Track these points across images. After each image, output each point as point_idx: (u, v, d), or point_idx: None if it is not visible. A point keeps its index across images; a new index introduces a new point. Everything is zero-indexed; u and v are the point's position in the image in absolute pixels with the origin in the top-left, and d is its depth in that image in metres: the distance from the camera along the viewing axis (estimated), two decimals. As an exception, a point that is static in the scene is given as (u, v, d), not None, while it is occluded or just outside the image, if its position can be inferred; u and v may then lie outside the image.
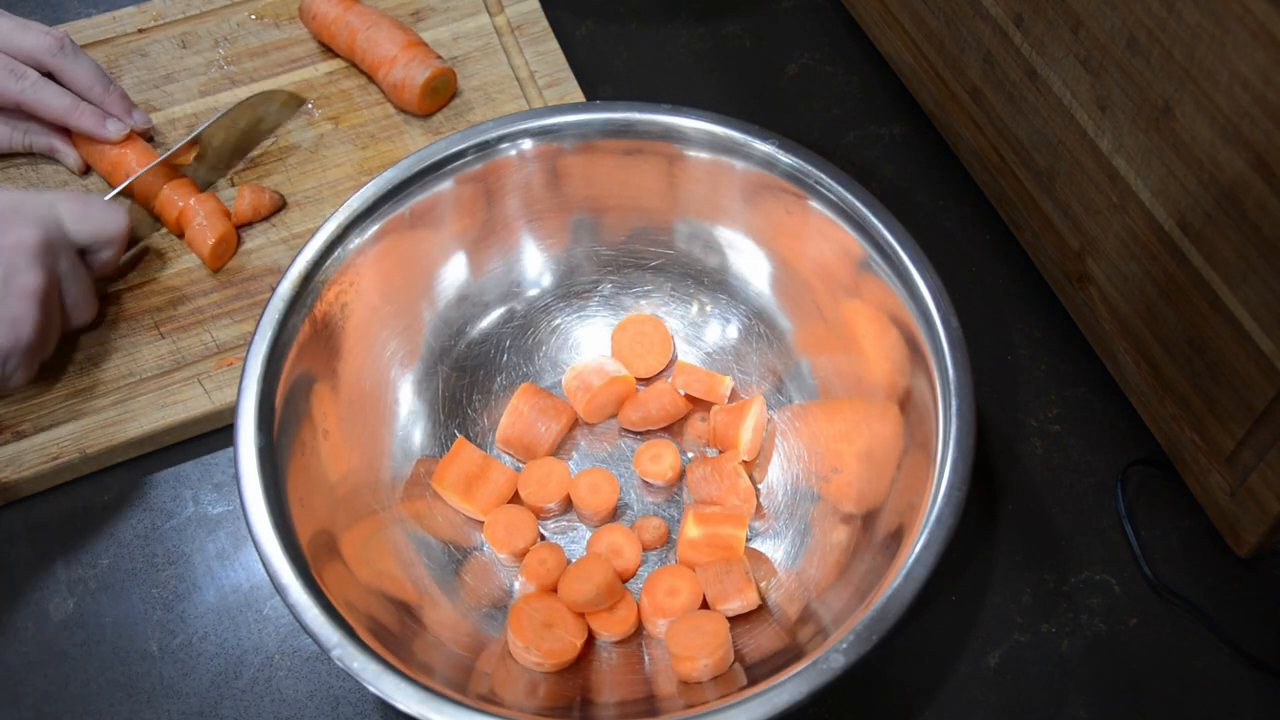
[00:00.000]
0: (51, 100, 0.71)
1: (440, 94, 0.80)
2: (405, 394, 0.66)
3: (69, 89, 0.72)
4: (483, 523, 0.64)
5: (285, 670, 0.63)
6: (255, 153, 0.79)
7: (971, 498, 0.54)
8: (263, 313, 0.59)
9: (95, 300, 0.69)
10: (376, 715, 0.61)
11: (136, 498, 0.68)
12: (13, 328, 0.61)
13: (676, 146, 0.65)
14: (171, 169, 0.74)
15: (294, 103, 0.81)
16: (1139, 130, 0.57)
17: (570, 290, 0.71)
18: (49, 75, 0.72)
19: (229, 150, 0.78)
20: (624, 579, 0.63)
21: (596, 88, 0.85)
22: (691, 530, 0.62)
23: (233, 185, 0.77)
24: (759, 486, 0.65)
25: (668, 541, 0.64)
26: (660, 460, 0.65)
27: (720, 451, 0.66)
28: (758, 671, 0.56)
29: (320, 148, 0.79)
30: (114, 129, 0.73)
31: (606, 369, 0.67)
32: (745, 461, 0.65)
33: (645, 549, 0.64)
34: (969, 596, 0.64)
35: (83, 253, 0.67)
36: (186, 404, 0.68)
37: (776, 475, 0.66)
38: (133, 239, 0.73)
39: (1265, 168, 0.50)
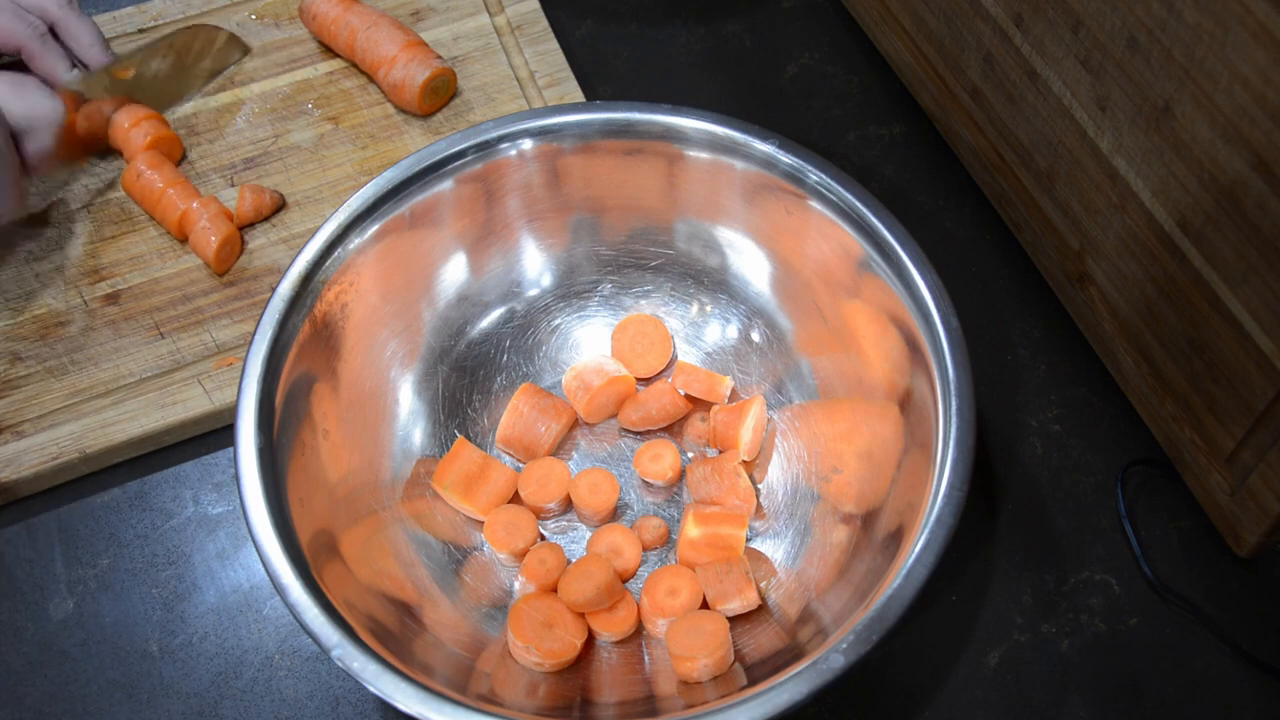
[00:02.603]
0: (53, 61, 0.71)
1: (440, 94, 0.80)
2: (405, 394, 0.66)
3: (68, 45, 0.73)
4: (483, 523, 0.64)
5: (285, 670, 0.63)
6: (200, 93, 0.80)
7: (971, 498, 0.54)
8: (263, 313, 0.59)
9: (19, 189, 0.68)
10: (376, 715, 0.61)
11: (136, 498, 0.68)
12: None
13: (676, 146, 0.65)
14: (112, 87, 0.74)
15: (236, 46, 0.81)
16: (1139, 130, 0.57)
17: (570, 290, 0.71)
18: (50, 28, 0.74)
19: (165, 76, 0.77)
20: (624, 579, 0.63)
21: (596, 88, 0.85)
22: (691, 530, 0.62)
23: (233, 186, 0.77)
24: (759, 486, 0.65)
25: (668, 541, 0.64)
26: (660, 460, 0.65)
27: (720, 451, 0.66)
28: (758, 671, 0.56)
29: (320, 148, 0.79)
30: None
31: (606, 369, 0.67)
32: (745, 461, 0.65)
33: (645, 549, 0.64)
34: (969, 596, 0.64)
35: (16, 139, 0.67)
36: (186, 404, 0.68)
37: (776, 475, 0.66)
38: (73, 153, 0.73)
39: (1265, 168, 0.50)
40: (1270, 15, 0.46)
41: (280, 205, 0.76)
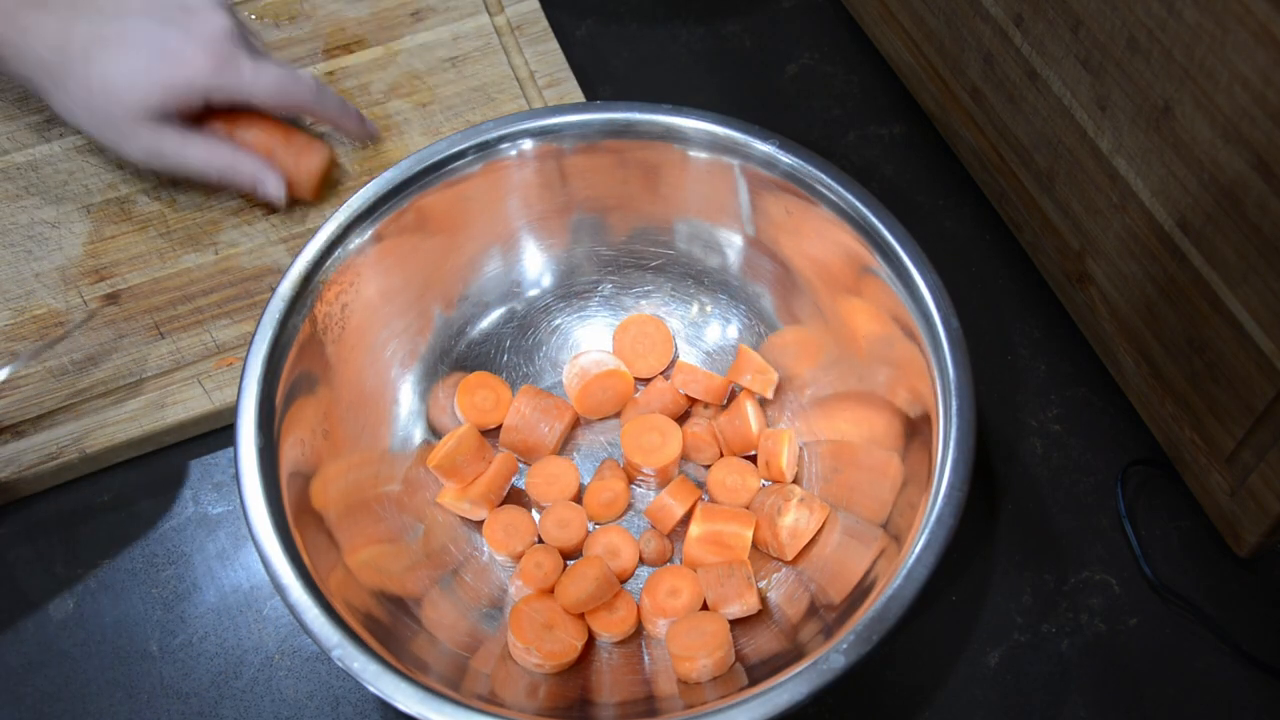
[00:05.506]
0: (331, 104, 0.75)
1: (332, 182, 0.78)
2: (405, 394, 0.66)
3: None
4: (482, 523, 0.64)
5: (285, 670, 0.63)
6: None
7: (971, 498, 0.54)
8: (263, 313, 0.59)
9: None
10: (376, 715, 0.61)
11: (136, 498, 0.68)
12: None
13: (676, 146, 0.65)
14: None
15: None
16: (1139, 130, 0.57)
17: (570, 290, 0.71)
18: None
19: None
20: (622, 579, 0.63)
21: (596, 88, 0.85)
22: (694, 528, 0.62)
23: None
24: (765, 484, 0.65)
25: (669, 559, 0.64)
26: (655, 454, 0.65)
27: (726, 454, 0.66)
28: (758, 672, 0.56)
29: (320, 148, 0.79)
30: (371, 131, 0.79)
31: (604, 362, 0.67)
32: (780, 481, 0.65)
33: (645, 563, 0.63)
34: (969, 596, 0.64)
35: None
36: (186, 404, 0.68)
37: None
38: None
39: (1265, 168, 0.50)
40: (1270, 15, 0.47)
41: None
